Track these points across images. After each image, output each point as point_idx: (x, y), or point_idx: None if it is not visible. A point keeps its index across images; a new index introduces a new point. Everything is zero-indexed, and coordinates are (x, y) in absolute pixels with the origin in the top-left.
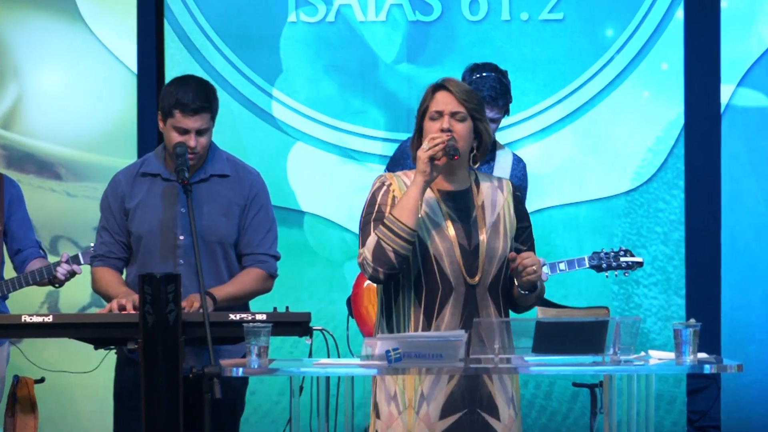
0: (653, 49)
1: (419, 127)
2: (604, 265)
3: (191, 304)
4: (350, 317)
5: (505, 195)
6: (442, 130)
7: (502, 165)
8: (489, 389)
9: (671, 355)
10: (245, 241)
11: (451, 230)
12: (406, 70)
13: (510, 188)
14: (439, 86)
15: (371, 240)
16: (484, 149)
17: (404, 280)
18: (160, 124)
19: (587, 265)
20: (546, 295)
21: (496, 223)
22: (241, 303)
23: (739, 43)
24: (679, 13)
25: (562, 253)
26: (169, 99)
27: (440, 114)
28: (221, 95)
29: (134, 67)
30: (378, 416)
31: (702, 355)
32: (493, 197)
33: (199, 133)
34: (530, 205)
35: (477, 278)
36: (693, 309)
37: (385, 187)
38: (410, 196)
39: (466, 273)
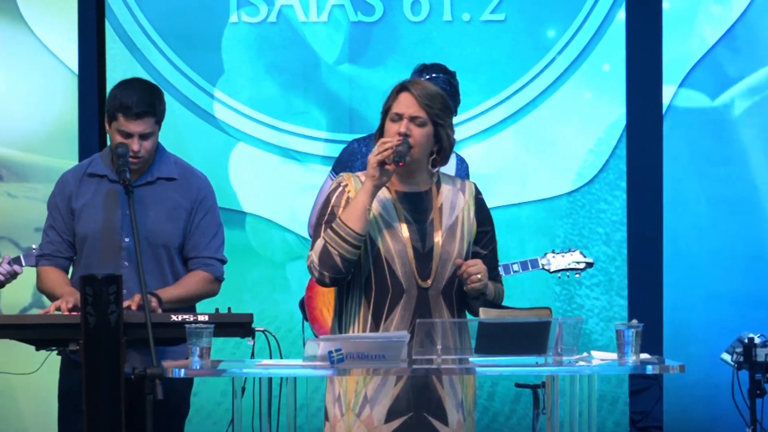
0: (595, 50)
1: (381, 126)
2: (556, 267)
3: (136, 302)
4: (305, 320)
5: (466, 197)
6: (399, 134)
7: (447, 166)
8: (438, 393)
9: (614, 355)
10: (191, 244)
11: (405, 232)
12: (348, 70)
13: (473, 191)
14: (404, 87)
15: (319, 243)
16: (444, 154)
17: (355, 281)
18: (107, 126)
19: (540, 267)
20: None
21: (453, 226)
22: (186, 305)
23: (681, 44)
24: (621, 14)
25: (504, 253)
26: (113, 102)
27: (400, 117)
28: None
29: (75, 68)
30: (327, 418)
31: (644, 356)
32: (453, 200)
33: (143, 137)
34: None
35: (430, 281)
36: (635, 310)
37: (340, 188)
38: (359, 200)
39: (418, 276)
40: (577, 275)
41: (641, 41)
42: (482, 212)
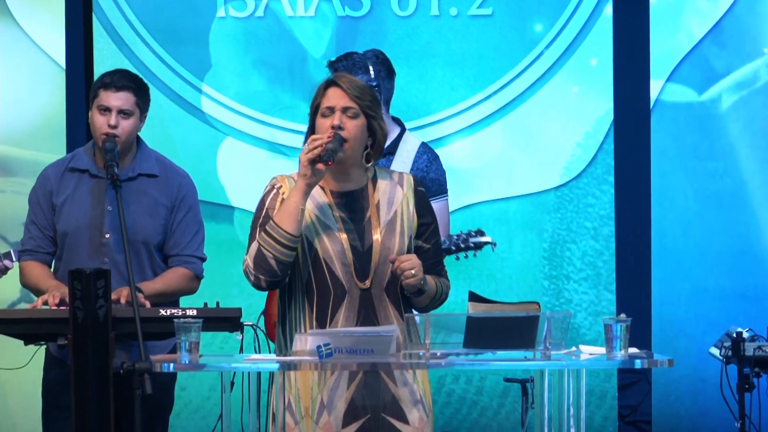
0: (582, 45)
1: (312, 125)
2: (454, 248)
3: (121, 293)
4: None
5: (404, 191)
6: (333, 127)
7: (404, 156)
8: (392, 392)
9: (602, 350)
10: (172, 242)
11: (342, 232)
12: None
13: (411, 183)
14: (331, 82)
15: (253, 247)
16: (378, 147)
17: (296, 285)
18: (89, 115)
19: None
20: (476, 290)
21: (392, 221)
22: (166, 301)
23: (668, 39)
24: (608, 9)
25: (491, 249)
26: (96, 84)
27: (331, 110)
28: (151, 90)
29: (63, 63)
30: (273, 421)
31: (633, 350)
32: (390, 194)
33: (123, 114)
34: (460, 201)
35: (368, 281)
36: (623, 304)
37: (274, 191)
38: (291, 201)
39: (356, 276)
40: (475, 255)
41: (628, 36)
42: (422, 204)
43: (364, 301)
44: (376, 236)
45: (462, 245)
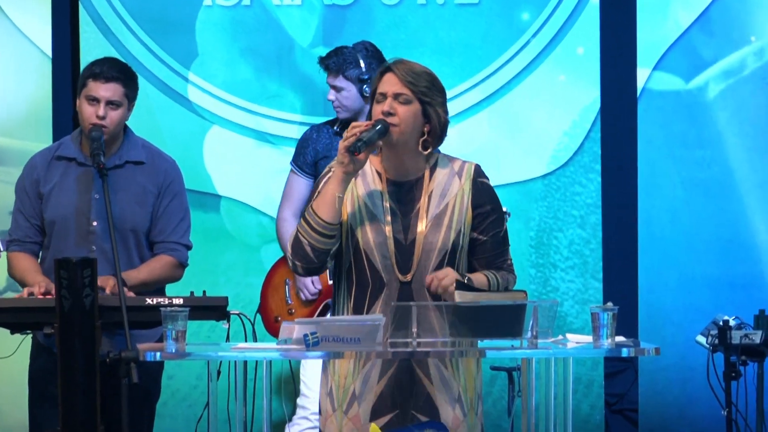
0: (569, 33)
1: (371, 111)
2: None
3: (107, 283)
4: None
5: (462, 182)
6: (383, 113)
7: None
8: (427, 390)
9: (589, 338)
10: (158, 228)
11: (388, 224)
12: (322, 53)
13: (471, 174)
14: (387, 68)
15: (293, 232)
16: (435, 133)
17: (341, 271)
18: (77, 104)
19: None
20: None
21: (440, 214)
22: (150, 289)
23: (655, 27)
24: None
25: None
26: (84, 72)
27: (384, 96)
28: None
29: (49, 51)
30: (320, 412)
31: (619, 339)
32: (445, 186)
33: (111, 105)
34: None
35: (410, 275)
36: (610, 292)
37: (330, 173)
38: (329, 188)
39: (398, 269)
40: None
41: (615, 24)
42: (481, 195)
43: (403, 295)
44: (421, 229)
45: None
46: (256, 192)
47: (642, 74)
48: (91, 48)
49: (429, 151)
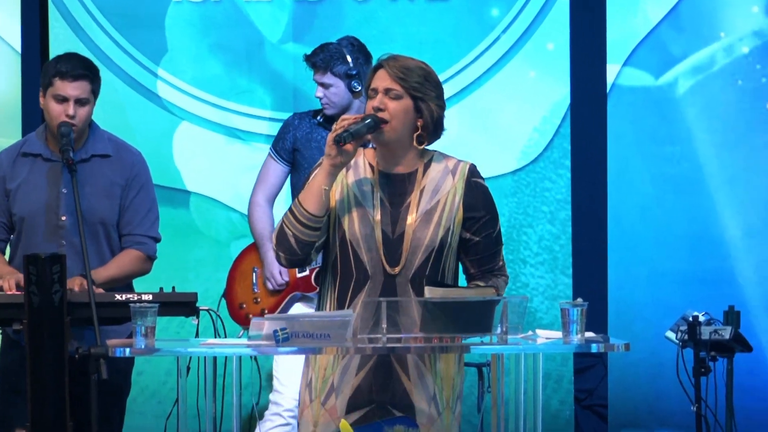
0: (539, 29)
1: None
2: None
3: (74, 282)
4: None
5: (455, 180)
6: (374, 108)
7: None
8: (404, 385)
9: (558, 334)
10: (125, 221)
11: (377, 215)
12: (292, 49)
13: (465, 173)
14: (379, 64)
15: (278, 223)
16: (428, 128)
17: (327, 262)
18: (41, 100)
19: None
20: None
21: (431, 210)
22: (120, 285)
23: (625, 23)
24: None
25: None
26: (49, 70)
27: (375, 92)
28: (106, 75)
29: (18, 47)
30: (299, 402)
31: (589, 335)
32: (438, 182)
33: (79, 102)
34: None
35: (398, 268)
36: (580, 288)
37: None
38: (316, 180)
39: (386, 262)
40: None
41: (585, 20)
42: (474, 196)
43: (387, 289)
44: (410, 223)
45: None
46: (226, 188)
47: (612, 70)
48: (61, 44)
49: (423, 145)
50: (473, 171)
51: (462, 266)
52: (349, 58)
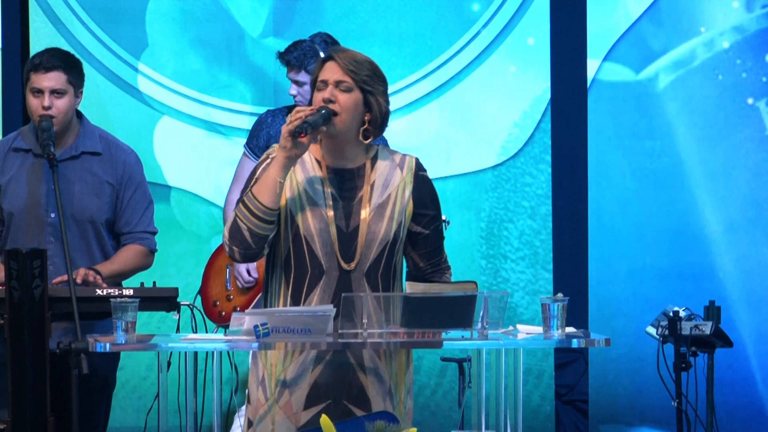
0: (519, 24)
1: (311, 100)
2: None
3: (81, 275)
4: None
5: (403, 174)
6: (324, 101)
7: None
8: (360, 381)
9: (539, 329)
10: (124, 220)
11: (329, 210)
12: (273, 44)
13: (412, 167)
14: (329, 57)
15: (231, 216)
16: (376, 122)
17: (277, 259)
18: (27, 99)
19: None
20: None
21: (383, 204)
22: (124, 279)
23: (606, 18)
24: None
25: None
26: (27, 66)
27: (325, 84)
28: (87, 69)
29: None
30: (249, 401)
31: (570, 330)
32: (387, 176)
33: (55, 93)
34: None
35: (353, 264)
36: (560, 283)
37: (269, 160)
38: (270, 173)
39: (341, 257)
40: None
41: (566, 15)
42: (422, 190)
43: (342, 284)
44: (364, 217)
45: None
46: (207, 182)
47: (592, 65)
48: (41, 39)
49: (369, 140)
50: (419, 165)
51: (408, 261)
52: (322, 55)
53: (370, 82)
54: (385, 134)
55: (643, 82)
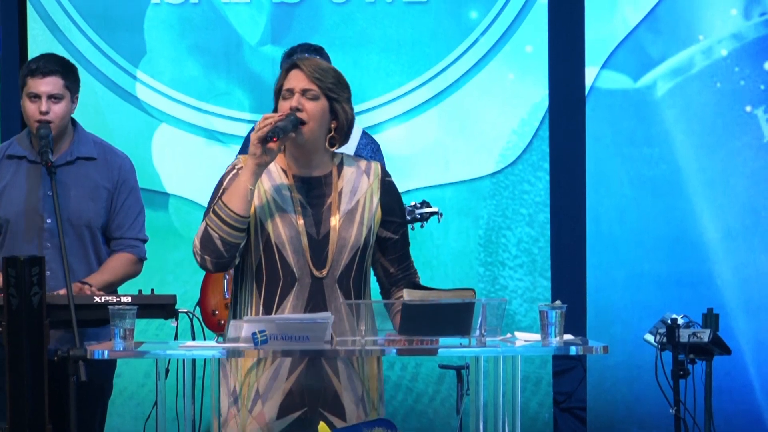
0: (518, 32)
1: (275, 110)
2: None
3: (78, 288)
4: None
5: (370, 180)
6: (291, 108)
7: (348, 145)
8: (335, 388)
9: (537, 336)
10: (115, 225)
11: (299, 218)
12: (271, 51)
13: (378, 173)
14: (293, 65)
15: (201, 226)
16: (342, 130)
17: (247, 269)
18: (22, 103)
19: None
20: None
21: (352, 210)
22: (114, 288)
23: (603, 26)
24: None
25: (427, 235)
26: (23, 72)
27: (291, 92)
28: (85, 77)
29: None
30: (219, 413)
31: (568, 337)
32: (355, 183)
33: (52, 99)
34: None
35: (325, 270)
36: (558, 291)
37: (234, 171)
38: (240, 180)
39: (312, 264)
40: (422, 226)
41: (564, 23)
42: (390, 197)
43: (315, 291)
44: (334, 224)
45: (408, 218)
46: (205, 190)
47: (590, 73)
48: (39, 46)
49: (334, 148)
50: (385, 171)
51: (377, 270)
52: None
53: (336, 90)
54: (383, 141)
55: (642, 89)
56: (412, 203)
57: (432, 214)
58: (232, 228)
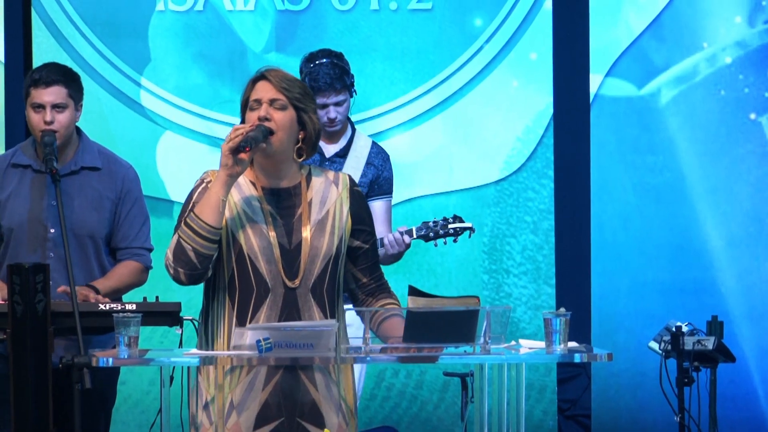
0: (522, 39)
1: (242, 121)
2: (432, 234)
3: (82, 296)
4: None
5: (339, 190)
6: (259, 119)
7: (358, 153)
8: (313, 397)
9: (542, 344)
10: (120, 235)
11: (271, 229)
12: (275, 59)
13: (347, 183)
14: (260, 76)
15: (173, 239)
16: (309, 140)
17: (219, 281)
18: (26, 113)
19: (415, 236)
20: (416, 285)
21: (322, 220)
22: (119, 296)
23: (608, 33)
24: (548, 4)
25: (431, 242)
26: (26, 81)
27: (259, 103)
28: (89, 84)
29: (1, 56)
30: (193, 425)
31: (572, 345)
32: (324, 193)
33: (57, 108)
34: (400, 195)
35: (298, 281)
36: (563, 298)
37: (203, 185)
38: (212, 192)
39: (285, 275)
40: (455, 241)
41: (568, 30)
42: (359, 206)
43: (288, 301)
44: (305, 234)
45: (441, 231)
46: None
47: (594, 80)
48: (44, 53)
49: (302, 159)
50: (353, 181)
51: (349, 279)
52: (347, 68)
53: (303, 100)
54: (388, 149)
55: (646, 97)
56: (444, 217)
57: (465, 229)
58: (204, 239)
